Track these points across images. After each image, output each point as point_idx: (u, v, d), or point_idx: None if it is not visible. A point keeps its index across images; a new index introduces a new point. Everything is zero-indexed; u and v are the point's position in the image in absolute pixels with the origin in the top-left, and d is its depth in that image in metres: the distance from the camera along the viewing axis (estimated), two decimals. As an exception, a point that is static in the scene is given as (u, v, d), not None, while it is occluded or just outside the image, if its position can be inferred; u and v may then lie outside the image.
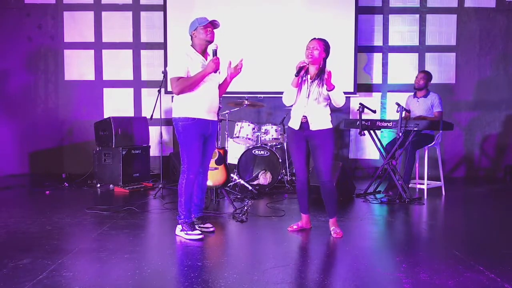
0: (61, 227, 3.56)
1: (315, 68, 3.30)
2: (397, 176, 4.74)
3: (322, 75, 3.26)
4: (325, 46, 3.28)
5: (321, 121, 3.29)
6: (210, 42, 3.26)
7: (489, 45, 6.48)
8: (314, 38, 3.30)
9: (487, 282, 2.42)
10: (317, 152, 3.30)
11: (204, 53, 3.31)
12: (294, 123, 3.36)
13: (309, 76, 3.31)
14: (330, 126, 3.33)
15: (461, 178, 6.44)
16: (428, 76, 5.09)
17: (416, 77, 5.14)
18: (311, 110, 3.28)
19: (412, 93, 5.22)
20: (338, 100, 3.25)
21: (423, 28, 6.49)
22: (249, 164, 5.19)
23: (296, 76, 3.22)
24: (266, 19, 6.31)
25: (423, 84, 5.05)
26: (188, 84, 3.18)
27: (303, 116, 3.29)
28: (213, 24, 3.26)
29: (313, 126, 3.28)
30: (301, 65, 3.20)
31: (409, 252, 3.03)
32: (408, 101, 5.20)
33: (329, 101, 3.32)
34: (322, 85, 3.24)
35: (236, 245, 3.34)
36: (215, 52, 3.21)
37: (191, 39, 3.30)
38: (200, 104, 3.24)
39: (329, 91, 3.20)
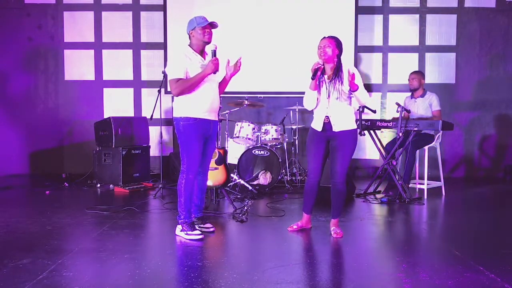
0: (61, 227, 3.56)
1: (330, 68, 3.25)
2: (397, 176, 4.74)
3: (339, 73, 3.21)
4: (336, 43, 3.22)
5: (344, 121, 3.23)
6: (208, 43, 3.25)
7: (489, 45, 6.48)
8: (325, 37, 3.24)
9: (487, 282, 2.42)
10: (337, 152, 3.25)
11: (202, 52, 3.31)
12: (317, 124, 3.30)
13: (326, 76, 3.25)
14: (354, 126, 3.27)
15: (461, 178, 6.44)
16: (419, 75, 5.09)
17: (408, 79, 5.13)
18: (334, 110, 3.23)
19: (409, 94, 5.22)
20: (363, 99, 3.22)
21: (423, 28, 6.49)
22: (249, 164, 5.19)
23: (312, 79, 3.18)
24: (265, 19, 6.31)
25: (417, 84, 5.05)
26: (188, 86, 3.17)
27: (326, 116, 3.24)
28: (212, 25, 3.25)
29: (336, 127, 3.23)
30: (316, 67, 3.15)
31: (409, 252, 3.03)
32: (406, 102, 5.19)
33: (351, 99, 3.27)
34: (341, 83, 3.19)
35: (236, 245, 3.34)
36: (214, 53, 3.20)
37: (189, 37, 3.30)
38: (202, 104, 3.23)
39: (353, 91, 3.15)
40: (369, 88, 6.56)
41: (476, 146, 6.57)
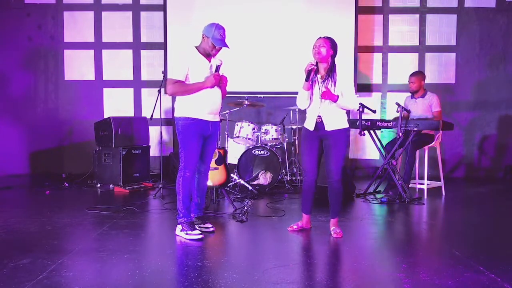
0: (61, 227, 3.56)
1: (324, 68, 3.28)
2: (397, 176, 4.74)
3: (332, 74, 3.24)
4: (331, 44, 3.25)
5: (336, 120, 3.27)
6: (212, 56, 3.32)
7: (489, 45, 6.48)
8: (320, 37, 3.27)
9: (487, 282, 2.42)
10: (330, 151, 3.28)
11: (207, 56, 3.33)
12: (309, 124, 3.34)
13: (319, 76, 3.28)
14: (346, 125, 3.31)
15: (461, 178, 6.44)
16: (419, 77, 5.08)
17: (409, 82, 5.12)
18: (326, 110, 3.26)
19: (410, 94, 5.22)
20: (348, 107, 3.26)
21: (423, 28, 6.49)
22: (249, 164, 5.19)
23: (306, 81, 3.22)
24: (266, 19, 6.31)
25: (417, 87, 5.05)
26: (182, 90, 3.24)
27: (318, 116, 3.28)
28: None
29: (328, 127, 3.26)
30: (309, 68, 3.19)
31: (409, 252, 3.03)
32: (406, 102, 5.19)
33: None
34: (334, 84, 3.22)
35: (236, 245, 3.34)
36: (217, 68, 3.26)
37: (202, 37, 3.31)
38: (202, 105, 3.27)
39: (335, 102, 3.20)
40: (369, 88, 6.57)
41: (476, 146, 6.57)
